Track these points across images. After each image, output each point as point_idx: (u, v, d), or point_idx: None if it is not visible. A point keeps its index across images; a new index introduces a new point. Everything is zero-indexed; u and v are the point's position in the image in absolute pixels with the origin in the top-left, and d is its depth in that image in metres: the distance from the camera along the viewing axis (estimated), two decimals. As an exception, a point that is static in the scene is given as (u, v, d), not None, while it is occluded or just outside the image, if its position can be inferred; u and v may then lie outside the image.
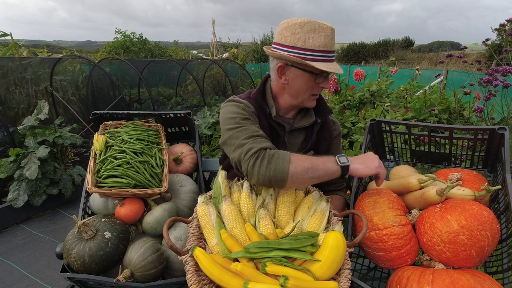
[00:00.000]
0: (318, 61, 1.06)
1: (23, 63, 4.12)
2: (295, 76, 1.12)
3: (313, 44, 1.05)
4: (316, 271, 0.79)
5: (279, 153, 0.95)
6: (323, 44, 1.05)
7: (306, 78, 1.11)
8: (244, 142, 0.99)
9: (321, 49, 1.06)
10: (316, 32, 1.05)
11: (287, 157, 0.93)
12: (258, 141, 0.99)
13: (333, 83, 3.24)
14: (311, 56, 1.06)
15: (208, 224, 0.92)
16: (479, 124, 1.94)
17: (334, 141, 1.34)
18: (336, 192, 1.36)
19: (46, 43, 64.55)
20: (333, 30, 1.08)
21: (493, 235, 0.84)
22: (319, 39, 1.05)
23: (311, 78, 1.10)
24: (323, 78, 1.12)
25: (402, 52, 28.17)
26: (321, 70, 1.06)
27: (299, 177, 0.93)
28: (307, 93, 1.15)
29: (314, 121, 1.25)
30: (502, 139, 1.09)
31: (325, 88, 1.16)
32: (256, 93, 1.22)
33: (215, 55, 13.31)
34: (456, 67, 7.70)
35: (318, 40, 1.05)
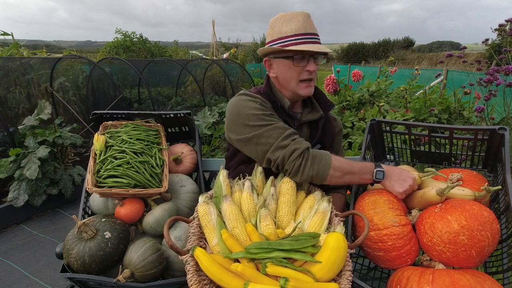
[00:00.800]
0: (293, 44, 1.10)
1: (23, 63, 4.12)
2: (278, 66, 1.17)
3: (286, 31, 1.12)
4: (317, 273, 0.79)
5: (321, 155, 1.03)
6: (295, 28, 1.11)
7: (286, 64, 1.14)
8: (285, 143, 1.03)
9: (294, 33, 1.10)
10: (288, 21, 1.12)
11: (328, 160, 1.02)
12: (299, 142, 1.04)
13: (332, 84, 3.23)
14: (286, 42, 1.12)
15: (209, 224, 0.92)
16: (479, 124, 1.93)
17: (336, 137, 1.37)
18: (338, 190, 1.36)
19: (46, 43, 64.59)
20: (305, 15, 1.13)
21: (493, 235, 0.84)
22: (291, 25, 1.11)
23: (290, 63, 1.13)
24: (304, 61, 1.12)
25: (402, 52, 28.18)
26: (293, 51, 1.10)
27: (336, 179, 1.03)
28: (294, 80, 1.16)
29: (321, 115, 1.27)
30: (502, 139, 1.08)
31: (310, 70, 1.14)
32: (265, 88, 1.24)
33: (215, 55, 13.31)
34: (456, 67, 7.70)
35: (290, 26, 1.12)
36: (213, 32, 14.02)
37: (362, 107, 3.09)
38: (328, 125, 1.32)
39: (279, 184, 1.05)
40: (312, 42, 1.12)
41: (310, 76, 1.16)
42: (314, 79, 1.19)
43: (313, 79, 1.18)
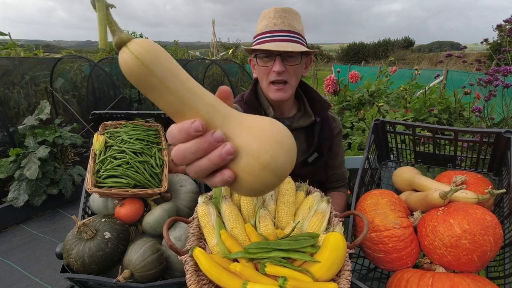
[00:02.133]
0: (259, 43, 1.06)
1: (23, 63, 4.12)
2: (254, 65, 1.13)
3: (258, 29, 1.08)
4: (316, 272, 0.79)
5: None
6: (264, 25, 1.06)
7: (254, 63, 1.10)
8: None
9: (262, 31, 1.06)
10: (262, 18, 1.08)
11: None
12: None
13: (332, 84, 3.24)
14: (255, 41, 1.08)
15: (208, 224, 0.92)
16: (478, 124, 1.93)
17: (336, 139, 1.31)
18: (338, 188, 1.35)
19: (46, 43, 64.53)
20: (278, 10, 1.04)
21: (495, 240, 0.84)
22: (262, 24, 1.07)
23: (256, 62, 1.08)
24: (271, 60, 1.04)
25: (402, 52, 28.21)
26: (257, 50, 1.04)
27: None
28: (264, 81, 1.10)
29: (313, 120, 1.21)
30: (508, 143, 1.07)
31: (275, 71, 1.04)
32: (249, 95, 1.18)
33: (215, 55, 13.30)
34: (456, 67, 7.70)
35: (262, 23, 1.07)
36: (213, 32, 14.02)
37: (362, 107, 3.09)
38: (327, 128, 1.25)
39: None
40: (281, 40, 1.02)
41: (279, 77, 1.06)
42: (289, 81, 1.09)
43: (286, 81, 1.08)
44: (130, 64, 0.33)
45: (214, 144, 0.33)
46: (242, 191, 0.37)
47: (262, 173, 0.34)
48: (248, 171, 0.34)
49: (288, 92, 1.10)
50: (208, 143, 0.33)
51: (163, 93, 0.35)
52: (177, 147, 0.35)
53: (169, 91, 0.35)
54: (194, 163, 0.35)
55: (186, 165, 0.36)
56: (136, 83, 0.35)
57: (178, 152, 0.35)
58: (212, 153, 0.33)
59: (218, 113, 0.36)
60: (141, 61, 0.33)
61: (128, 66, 0.34)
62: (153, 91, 0.35)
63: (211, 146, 0.33)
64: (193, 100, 0.35)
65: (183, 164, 0.36)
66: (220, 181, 0.34)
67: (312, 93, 1.24)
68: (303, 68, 1.14)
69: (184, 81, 0.36)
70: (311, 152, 1.21)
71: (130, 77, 0.34)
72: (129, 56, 0.33)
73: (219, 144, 0.33)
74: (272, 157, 0.34)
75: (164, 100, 0.35)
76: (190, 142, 0.34)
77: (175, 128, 0.34)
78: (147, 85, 0.34)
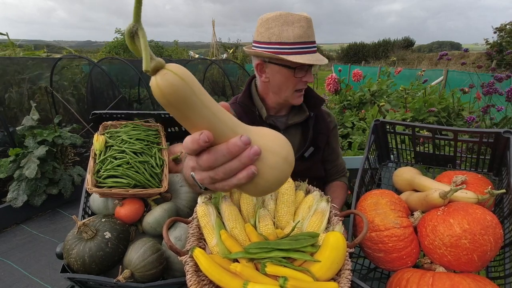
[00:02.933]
0: (294, 53, 1.01)
1: (23, 63, 4.12)
2: (274, 73, 1.08)
3: (288, 37, 1.01)
4: (316, 272, 0.79)
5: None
6: (298, 35, 1.00)
7: (284, 73, 1.06)
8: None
9: (296, 41, 1.01)
10: (290, 24, 1.01)
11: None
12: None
13: (333, 83, 3.24)
14: (286, 50, 1.02)
15: (208, 225, 0.92)
16: (479, 122, 1.94)
17: (332, 133, 1.32)
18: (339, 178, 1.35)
19: (46, 43, 64.59)
20: (309, 20, 1.03)
21: (495, 240, 0.84)
22: (294, 31, 1.01)
23: (290, 73, 1.05)
24: (303, 71, 1.06)
25: (402, 52, 28.24)
26: (298, 64, 1.01)
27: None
28: (289, 89, 1.10)
29: (308, 115, 1.22)
30: (507, 143, 1.07)
31: (308, 82, 1.09)
32: (242, 97, 1.18)
33: (215, 55, 13.30)
34: (456, 67, 7.71)
35: (292, 32, 1.01)
36: (213, 32, 14.02)
37: (363, 107, 3.09)
38: (322, 123, 1.26)
39: (279, 184, 1.04)
40: (313, 52, 1.05)
41: (305, 86, 1.12)
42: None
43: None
44: (175, 84, 0.37)
45: (243, 147, 0.39)
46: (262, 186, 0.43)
47: (283, 165, 0.43)
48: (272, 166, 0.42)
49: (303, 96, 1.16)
50: (238, 147, 0.39)
51: (201, 110, 0.39)
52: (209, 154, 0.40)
53: (205, 106, 0.40)
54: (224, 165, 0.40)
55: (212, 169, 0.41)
56: (176, 103, 0.38)
57: (210, 156, 0.40)
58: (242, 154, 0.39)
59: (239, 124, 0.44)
60: (185, 81, 0.37)
61: (173, 86, 0.37)
62: (190, 109, 0.39)
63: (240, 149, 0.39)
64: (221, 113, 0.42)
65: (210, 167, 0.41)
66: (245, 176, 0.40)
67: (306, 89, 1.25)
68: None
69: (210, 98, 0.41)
70: (307, 147, 1.22)
71: (171, 96, 0.37)
72: (173, 77, 0.37)
73: (246, 147, 0.39)
74: (288, 152, 0.44)
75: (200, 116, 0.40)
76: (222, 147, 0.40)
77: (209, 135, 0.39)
78: (188, 103, 0.38)
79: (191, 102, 0.38)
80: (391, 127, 1.37)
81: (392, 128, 1.37)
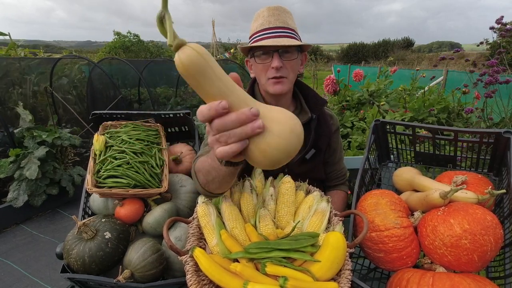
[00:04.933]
0: (255, 42, 1.08)
1: (23, 63, 4.12)
2: (252, 65, 1.16)
3: (253, 29, 1.11)
4: (316, 272, 0.79)
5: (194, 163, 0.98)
6: (260, 24, 1.09)
7: (253, 62, 1.13)
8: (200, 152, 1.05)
9: (257, 30, 1.09)
10: (256, 17, 1.11)
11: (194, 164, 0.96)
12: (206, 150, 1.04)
13: (331, 84, 3.23)
14: (251, 40, 1.11)
15: (208, 224, 0.92)
16: (478, 124, 1.94)
17: (334, 136, 1.32)
18: (338, 187, 1.35)
19: (45, 43, 64.49)
20: (272, 8, 1.09)
21: (496, 240, 0.84)
22: (258, 21, 1.10)
23: (257, 61, 1.11)
24: (268, 57, 1.07)
25: (402, 52, 28.23)
26: (254, 48, 1.08)
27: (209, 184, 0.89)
28: (262, 78, 1.12)
29: (309, 117, 1.22)
30: (508, 143, 1.07)
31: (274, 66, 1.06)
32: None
33: (215, 55, 13.29)
34: (456, 67, 7.72)
35: (256, 23, 1.10)
36: (213, 32, 14.00)
37: (362, 107, 3.09)
38: (324, 125, 1.26)
39: (278, 184, 1.05)
40: (276, 37, 1.05)
41: (278, 73, 1.08)
42: (288, 75, 1.11)
43: (284, 76, 1.10)
44: (193, 57, 0.46)
45: (251, 117, 0.46)
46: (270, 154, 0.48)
47: (289, 135, 0.48)
48: (278, 135, 0.47)
49: (286, 85, 1.12)
50: (245, 115, 0.45)
51: (214, 80, 0.47)
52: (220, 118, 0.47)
53: (218, 78, 0.47)
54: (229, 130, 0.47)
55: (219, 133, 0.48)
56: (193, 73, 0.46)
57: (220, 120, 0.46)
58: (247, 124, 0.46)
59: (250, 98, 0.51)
60: (202, 55, 0.46)
61: (191, 58, 0.46)
62: (206, 79, 0.47)
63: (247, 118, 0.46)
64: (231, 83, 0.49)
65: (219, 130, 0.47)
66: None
67: (307, 90, 1.26)
68: (300, 64, 1.17)
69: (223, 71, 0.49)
70: (308, 149, 1.21)
71: (190, 67, 0.46)
72: (191, 51, 0.46)
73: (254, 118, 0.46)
74: (294, 124, 0.49)
75: (214, 86, 0.47)
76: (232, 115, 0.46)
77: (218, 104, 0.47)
78: (203, 74, 0.47)
79: (207, 74, 0.47)
80: (391, 127, 1.37)
81: (392, 128, 1.37)
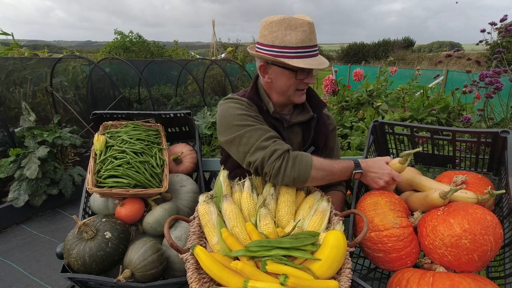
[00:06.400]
0: (296, 57, 1.06)
1: (23, 63, 4.12)
2: (277, 74, 1.13)
3: (290, 41, 1.05)
4: (317, 270, 0.79)
5: (302, 156, 1.01)
6: (300, 39, 1.05)
7: (287, 75, 1.11)
8: (265, 144, 1.01)
9: (298, 45, 1.06)
10: (293, 29, 1.05)
11: (309, 161, 1.00)
12: (279, 143, 1.02)
13: (330, 84, 3.24)
14: (289, 53, 1.06)
15: (209, 223, 0.92)
16: (479, 124, 1.94)
17: (331, 135, 1.36)
18: (336, 187, 1.37)
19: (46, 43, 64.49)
20: (311, 24, 1.07)
21: (496, 240, 0.84)
22: (297, 35, 1.05)
23: (292, 75, 1.10)
24: (305, 74, 1.11)
25: (402, 52, 28.18)
26: (299, 68, 1.06)
27: (318, 180, 1.03)
28: (291, 90, 1.15)
29: (311, 116, 1.26)
30: (505, 143, 1.07)
31: (310, 83, 1.15)
32: (251, 92, 1.22)
33: (215, 55, 13.28)
34: (456, 67, 7.72)
35: (295, 36, 1.05)
36: (213, 32, 13.99)
37: (361, 107, 3.10)
38: (322, 124, 1.30)
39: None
40: (314, 55, 1.10)
41: (307, 86, 1.17)
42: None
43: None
44: None
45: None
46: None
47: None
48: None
49: (305, 94, 1.21)
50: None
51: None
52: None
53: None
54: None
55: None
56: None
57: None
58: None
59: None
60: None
61: None
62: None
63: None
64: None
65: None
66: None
67: (311, 91, 1.30)
68: None
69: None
70: (308, 145, 1.25)
71: None
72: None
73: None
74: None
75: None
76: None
77: None
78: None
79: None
80: (389, 128, 1.37)
81: (391, 128, 1.37)
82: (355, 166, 1.06)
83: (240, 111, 1.09)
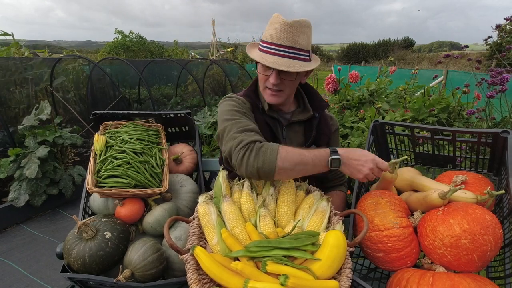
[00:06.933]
0: (263, 51, 1.08)
1: (23, 63, 4.12)
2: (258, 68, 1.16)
3: (264, 35, 1.10)
4: (317, 270, 0.79)
5: (268, 146, 0.95)
6: (269, 35, 1.07)
7: (259, 69, 1.14)
8: (236, 135, 0.99)
9: (267, 40, 1.08)
10: (270, 24, 1.08)
11: (275, 150, 0.93)
12: (249, 134, 0.99)
13: (332, 83, 3.24)
14: (260, 47, 1.10)
15: (209, 224, 0.92)
16: (479, 124, 1.93)
17: (333, 136, 1.36)
18: (337, 187, 1.36)
19: (46, 43, 64.50)
20: (286, 24, 1.04)
21: (495, 240, 0.84)
22: (268, 31, 1.08)
23: (260, 70, 1.12)
24: (269, 71, 1.09)
25: (402, 52, 28.16)
26: (256, 61, 1.09)
27: (288, 171, 0.94)
28: (261, 84, 1.16)
29: (311, 115, 1.26)
30: (505, 143, 1.07)
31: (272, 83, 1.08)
32: (248, 90, 1.24)
33: (215, 55, 13.28)
34: (456, 67, 7.71)
35: (267, 31, 1.08)
36: (213, 32, 14.00)
37: (362, 107, 3.09)
38: (324, 124, 1.30)
39: (279, 184, 1.05)
40: (280, 55, 1.05)
41: (274, 87, 1.11)
42: (284, 89, 1.14)
43: (280, 89, 1.13)
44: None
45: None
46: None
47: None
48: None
49: (282, 98, 1.16)
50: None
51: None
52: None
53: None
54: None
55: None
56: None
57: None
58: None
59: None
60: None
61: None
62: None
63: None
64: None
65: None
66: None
67: (312, 90, 1.31)
68: (300, 79, 1.20)
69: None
70: (309, 144, 1.25)
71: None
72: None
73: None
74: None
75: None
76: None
77: None
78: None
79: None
80: (390, 128, 1.37)
81: (391, 128, 1.37)
82: (330, 152, 0.95)
83: (230, 107, 1.11)
